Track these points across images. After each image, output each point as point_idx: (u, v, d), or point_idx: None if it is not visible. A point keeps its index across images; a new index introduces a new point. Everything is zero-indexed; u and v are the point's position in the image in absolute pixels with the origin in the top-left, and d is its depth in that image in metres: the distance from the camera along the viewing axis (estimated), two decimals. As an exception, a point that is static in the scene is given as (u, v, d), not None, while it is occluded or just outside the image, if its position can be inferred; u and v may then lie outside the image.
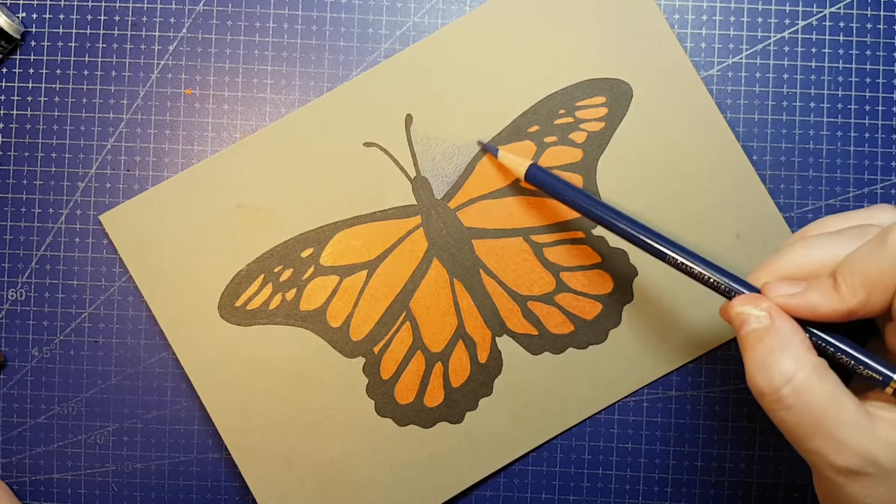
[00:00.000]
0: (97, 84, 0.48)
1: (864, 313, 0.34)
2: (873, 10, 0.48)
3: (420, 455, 0.48)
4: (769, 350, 0.34)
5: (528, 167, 0.45)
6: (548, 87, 0.48)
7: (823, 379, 0.33)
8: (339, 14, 0.48)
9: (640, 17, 0.48)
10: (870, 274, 0.33)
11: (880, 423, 0.33)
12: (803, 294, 0.35)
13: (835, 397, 0.32)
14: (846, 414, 0.32)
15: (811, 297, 0.35)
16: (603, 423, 0.49)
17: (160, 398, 0.49)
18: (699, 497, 0.49)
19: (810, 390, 0.32)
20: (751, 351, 0.34)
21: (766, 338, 0.34)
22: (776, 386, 0.33)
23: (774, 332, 0.34)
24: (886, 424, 0.33)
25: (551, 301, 0.48)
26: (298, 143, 0.47)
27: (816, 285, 0.35)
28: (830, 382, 0.33)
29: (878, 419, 0.33)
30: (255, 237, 0.47)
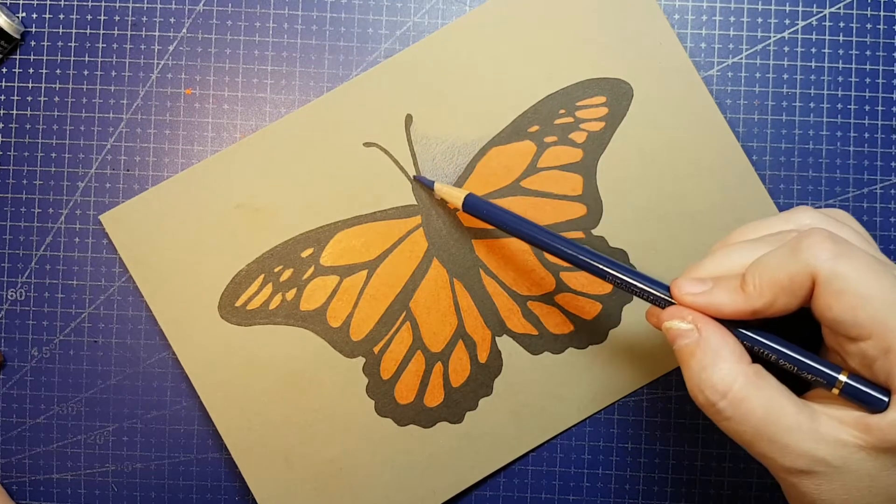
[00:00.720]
0: (97, 84, 0.48)
1: (770, 314, 0.34)
2: (873, 10, 0.48)
3: (420, 455, 0.48)
4: (701, 366, 0.34)
5: (465, 197, 0.44)
6: (548, 87, 0.48)
7: (759, 387, 0.33)
8: (339, 14, 0.48)
9: (640, 16, 0.48)
10: (779, 278, 0.34)
11: (824, 422, 0.33)
12: (709, 293, 0.35)
13: (773, 404, 0.33)
14: (786, 418, 0.33)
15: (716, 296, 0.35)
16: (603, 423, 0.49)
17: (160, 398, 0.49)
18: (699, 497, 0.49)
19: (746, 401, 0.33)
20: (685, 367, 0.35)
21: (696, 352, 0.35)
22: (712, 401, 0.33)
23: (704, 346, 0.34)
24: (830, 422, 0.33)
25: (551, 301, 0.48)
26: (298, 143, 0.47)
27: (723, 284, 0.35)
28: (767, 388, 0.33)
29: (822, 417, 0.33)
30: (256, 237, 0.47)
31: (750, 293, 0.34)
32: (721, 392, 0.33)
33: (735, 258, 0.36)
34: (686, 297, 0.36)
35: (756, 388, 0.33)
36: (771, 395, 0.33)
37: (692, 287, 0.36)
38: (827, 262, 0.32)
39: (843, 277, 0.32)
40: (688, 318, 0.36)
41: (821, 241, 0.33)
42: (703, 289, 0.35)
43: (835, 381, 0.33)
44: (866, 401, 0.33)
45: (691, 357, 0.35)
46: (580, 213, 0.48)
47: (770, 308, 0.34)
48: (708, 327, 0.35)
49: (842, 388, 0.33)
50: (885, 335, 0.32)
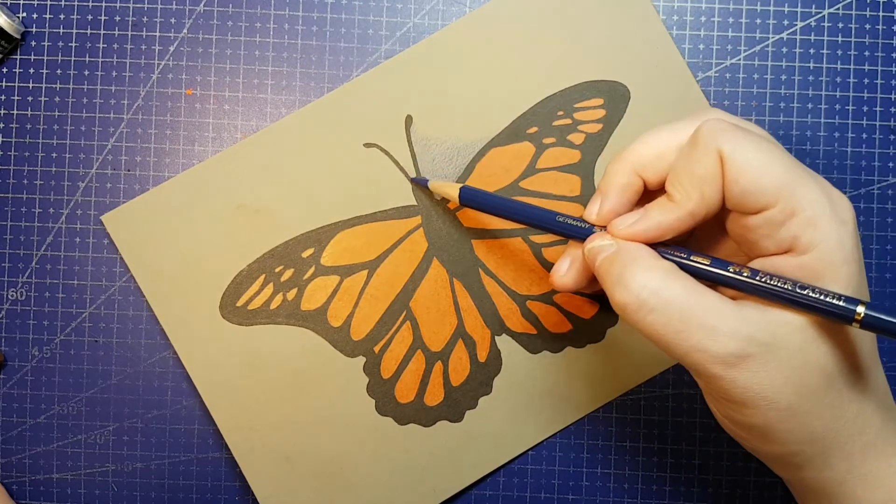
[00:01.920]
0: (97, 84, 0.48)
1: (705, 213, 0.35)
2: (872, 11, 0.48)
3: (420, 454, 0.48)
4: (621, 267, 0.34)
5: (460, 190, 0.44)
6: (546, 89, 0.48)
7: (677, 276, 0.34)
8: (340, 15, 0.48)
9: (637, 20, 0.48)
10: (696, 172, 0.34)
11: (747, 305, 0.33)
12: (644, 217, 0.36)
13: (694, 289, 0.33)
14: (709, 301, 0.33)
15: (652, 216, 0.36)
16: (602, 422, 0.49)
17: (160, 398, 0.49)
18: (698, 496, 0.49)
19: (668, 288, 0.33)
20: (606, 277, 0.35)
21: (616, 259, 0.35)
22: (635, 293, 0.33)
23: (623, 252, 0.35)
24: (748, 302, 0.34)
25: (550, 300, 0.49)
26: (299, 144, 0.47)
27: (652, 205, 0.36)
28: (684, 278, 0.34)
29: (743, 302, 0.34)
30: (256, 237, 0.47)
31: (680, 199, 0.35)
32: (642, 283, 0.33)
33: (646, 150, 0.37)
34: (624, 229, 0.36)
35: (676, 277, 0.34)
36: (692, 282, 0.34)
37: (627, 219, 0.36)
38: (728, 140, 0.34)
39: (743, 148, 0.34)
40: (607, 237, 0.37)
41: (718, 124, 0.34)
42: (637, 216, 0.36)
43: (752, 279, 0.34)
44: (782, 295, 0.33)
45: (612, 265, 0.35)
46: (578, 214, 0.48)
47: (703, 206, 0.35)
48: (626, 241, 0.36)
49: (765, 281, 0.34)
50: (789, 199, 0.33)
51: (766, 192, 0.33)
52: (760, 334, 0.32)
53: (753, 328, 0.32)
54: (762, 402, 0.33)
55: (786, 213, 0.33)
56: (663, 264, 0.34)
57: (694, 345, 0.33)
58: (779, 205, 0.33)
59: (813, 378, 0.33)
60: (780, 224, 0.33)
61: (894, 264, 0.48)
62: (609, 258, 0.35)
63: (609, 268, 0.35)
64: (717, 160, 0.34)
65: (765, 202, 0.33)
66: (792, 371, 0.33)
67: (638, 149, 0.37)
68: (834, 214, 0.33)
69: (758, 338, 0.32)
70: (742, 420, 0.34)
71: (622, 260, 0.35)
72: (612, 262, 0.35)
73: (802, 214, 0.33)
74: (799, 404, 0.33)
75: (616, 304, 0.34)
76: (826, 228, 0.33)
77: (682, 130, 0.36)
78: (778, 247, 0.34)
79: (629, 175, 0.37)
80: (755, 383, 0.33)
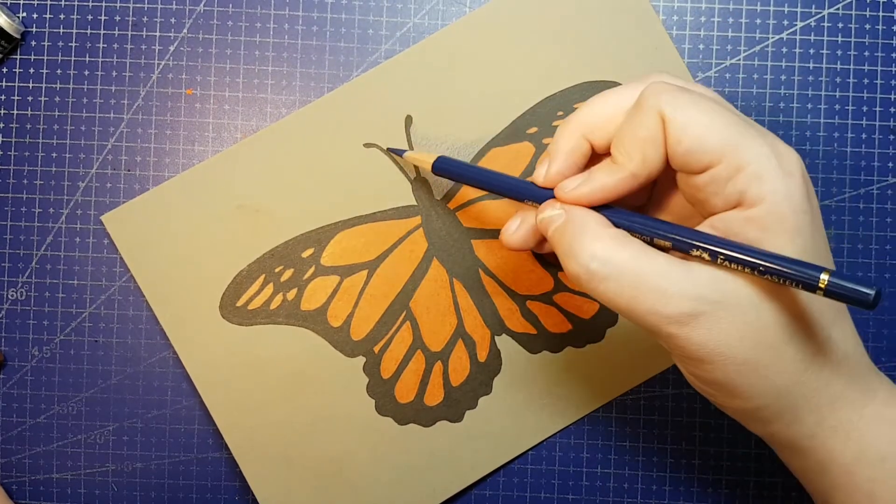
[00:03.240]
0: (97, 84, 0.48)
1: (647, 174, 0.35)
2: (872, 11, 0.48)
3: (420, 454, 0.48)
4: (571, 238, 0.35)
5: (435, 160, 0.44)
6: (546, 89, 0.48)
7: (625, 244, 0.34)
8: (340, 15, 0.48)
9: (636, 21, 0.48)
10: (638, 134, 0.35)
11: (694, 265, 0.33)
12: (588, 179, 0.36)
13: (642, 255, 0.33)
14: (657, 265, 0.33)
15: (596, 178, 0.36)
16: (601, 422, 0.49)
17: (160, 398, 0.49)
18: (698, 496, 0.49)
19: (615, 256, 0.33)
20: (559, 248, 0.35)
21: (566, 229, 0.35)
22: (584, 264, 0.34)
23: (571, 221, 0.35)
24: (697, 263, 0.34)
25: (549, 300, 0.49)
26: (299, 144, 0.47)
27: (597, 168, 0.36)
28: (633, 244, 0.34)
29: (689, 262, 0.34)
30: (256, 237, 0.47)
31: (622, 161, 0.35)
32: (590, 253, 0.34)
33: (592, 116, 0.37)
34: (570, 193, 0.36)
35: (623, 245, 0.34)
36: (640, 248, 0.34)
37: (571, 182, 0.37)
38: (668, 101, 0.34)
39: (684, 108, 0.34)
40: (557, 206, 0.37)
41: (659, 86, 0.35)
42: (581, 179, 0.36)
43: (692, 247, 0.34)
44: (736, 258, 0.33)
45: (562, 236, 0.35)
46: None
47: (644, 168, 0.35)
48: (574, 207, 0.36)
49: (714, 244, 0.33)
50: (733, 155, 0.33)
51: (709, 150, 0.33)
52: (710, 293, 0.33)
53: (703, 288, 0.33)
54: (719, 358, 0.33)
55: (731, 170, 0.33)
56: (611, 232, 0.35)
57: (647, 309, 0.33)
58: (723, 162, 0.33)
59: (769, 332, 0.33)
60: (727, 180, 0.33)
61: (894, 264, 0.48)
62: (559, 228, 0.36)
63: (560, 238, 0.35)
64: (659, 122, 0.34)
65: (709, 160, 0.33)
66: (746, 326, 0.33)
67: (585, 112, 0.37)
68: (780, 167, 0.33)
69: (708, 296, 0.33)
70: (705, 376, 0.35)
71: (571, 230, 0.35)
72: (563, 232, 0.35)
73: (748, 169, 0.33)
74: (757, 358, 0.33)
75: (569, 275, 0.35)
76: (772, 181, 0.33)
77: (629, 94, 0.36)
78: (726, 203, 0.34)
79: (577, 138, 0.37)
80: (709, 340, 0.33)
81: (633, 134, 0.35)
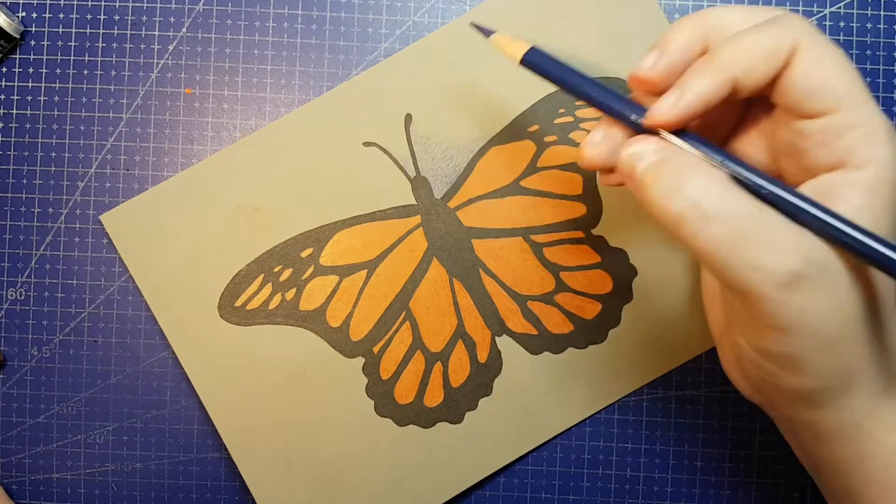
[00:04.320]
0: (97, 84, 0.48)
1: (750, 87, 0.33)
2: (873, 10, 0.48)
3: (420, 455, 0.48)
4: (675, 173, 0.32)
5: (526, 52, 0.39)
6: (548, 87, 0.48)
7: (738, 187, 0.32)
8: (339, 13, 0.48)
9: (639, 16, 0.48)
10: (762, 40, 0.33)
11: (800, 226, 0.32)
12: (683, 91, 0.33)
13: (755, 203, 0.32)
14: (770, 215, 0.32)
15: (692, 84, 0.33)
16: (603, 423, 0.49)
17: (160, 398, 0.49)
18: (699, 497, 0.49)
19: (731, 199, 0.31)
20: (652, 185, 0.32)
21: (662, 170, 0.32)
22: (695, 201, 0.31)
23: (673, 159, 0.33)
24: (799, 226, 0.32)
25: (551, 301, 0.48)
26: (298, 143, 0.47)
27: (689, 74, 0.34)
28: (743, 191, 0.32)
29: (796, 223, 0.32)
30: (255, 237, 0.47)
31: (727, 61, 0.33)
32: (704, 189, 0.31)
33: None
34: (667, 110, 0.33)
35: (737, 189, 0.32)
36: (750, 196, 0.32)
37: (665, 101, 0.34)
38: (810, 34, 0.33)
39: (824, 46, 0.33)
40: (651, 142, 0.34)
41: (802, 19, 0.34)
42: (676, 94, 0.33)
43: None
44: None
45: (663, 170, 0.32)
46: (580, 213, 0.48)
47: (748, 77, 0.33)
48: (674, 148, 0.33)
49: None
50: (852, 108, 0.32)
51: (835, 94, 0.32)
52: (817, 256, 0.31)
53: (810, 248, 0.31)
54: (808, 329, 0.32)
55: (846, 124, 0.32)
56: (722, 173, 0.32)
57: (751, 262, 0.31)
58: (842, 112, 0.32)
59: (855, 307, 0.32)
60: (838, 134, 0.32)
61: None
62: (658, 163, 0.33)
63: (660, 174, 0.32)
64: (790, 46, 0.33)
65: (830, 105, 0.32)
66: (838, 297, 0.32)
67: (712, 12, 0.35)
68: (893, 138, 0.33)
69: (814, 259, 0.31)
70: (780, 350, 0.33)
71: (676, 165, 0.32)
72: (664, 167, 0.33)
73: (861, 129, 0.32)
74: (839, 334, 0.32)
75: (670, 216, 0.32)
76: (885, 146, 0.32)
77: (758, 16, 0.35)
78: (830, 157, 0.33)
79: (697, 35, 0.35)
80: (807, 308, 0.31)
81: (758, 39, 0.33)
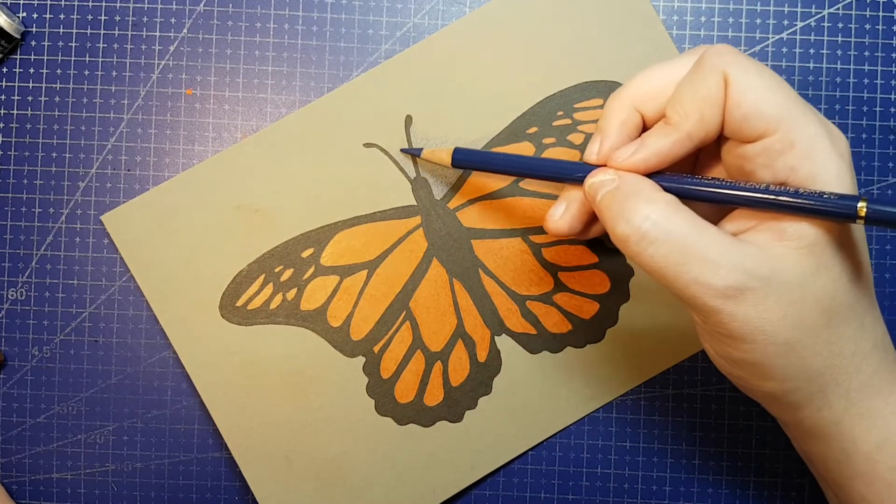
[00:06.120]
0: (97, 84, 0.48)
1: (703, 135, 0.35)
2: (872, 11, 0.48)
3: (420, 454, 0.48)
4: (623, 199, 0.35)
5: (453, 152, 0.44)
6: (546, 89, 0.48)
7: (679, 210, 0.34)
8: (340, 15, 0.48)
9: (636, 20, 0.48)
10: (697, 93, 0.35)
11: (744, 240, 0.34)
12: (642, 145, 0.36)
13: (696, 222, 0.33)
14: (711, 235, 0.33)
15: (650, 143, 0.36)
16: (601, 422, 0.49)
17: (160, 398, 0.49)
18: (698, 496, 0.49)
19: (669, 219, 0.33)
20: (607, 211, 0.35)
21: (617, 193, 0.35)
22: (636, 225, 0.33)
23: (624, 185, 0.35)
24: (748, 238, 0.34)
25: (550, 301, 0.48)
26: (299, 144, 0.47)
27: (649, 133, 0.36)
28: (686, 212, 0.34)
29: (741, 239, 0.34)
30: (256, 237, 0.47)
31: (678, 121, 0.35)
32: (644, 214, 0.33)
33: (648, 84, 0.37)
34: (624, 161, 0.36)
35: (677, 211, 0.34)
36: (691, 216, 0.34)
37: (625, 151, 0.36)
38: (734, 63, 0.34)
39: (748, 72, 0.34)
40: (609, 172, 0.37)
41: (723, 48, 0.35)
42: (635, 146, 0.36)
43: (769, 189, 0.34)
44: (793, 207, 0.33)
45: (612, 200, 0.35)
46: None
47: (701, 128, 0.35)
48: (627, 174, 0.36)
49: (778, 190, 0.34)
50: (788, 129, 0.33)
51: (766, 118, 0.33)
52: (760, 268, 0.32)
53: (753, 262, 0.33)
54: (760, 337, 0.33)
55: (784, 143, 0.33)
56: (665, 196, 0.34)
57: (694, 277, 0.33)
58: (778, 133, 0.33)
59: (811, 313, 0.33)
60: (779, 154, 0.33)
61: (894, 264, 0.48)
62: (611, 192, 0.35)
63: (610, 202, 0.35)
64: (721, 82, 0.34)
65: (764, 129, 0.33)
66: (790, 305, 0.33)
67: (637, 83, 0.37)
68: (833, 148, 0.33)
69: (757, 272, 0.32)
70: (740, 357, 0.34)
71: (623, 193, 0.35)
72: (614, 196, 0.35)
73: (801, 146, 0.33)
74: (797, 339, 0.33)
75: (617, 238, 0.34)
76: (824, 162, 0.33)
77: (681, 64, 0.37)
78: (774, 177, 0.34)
79: (628, 111, 0.37)
80: (754, 317, 0.33)
81: (693, 92, 0.35)
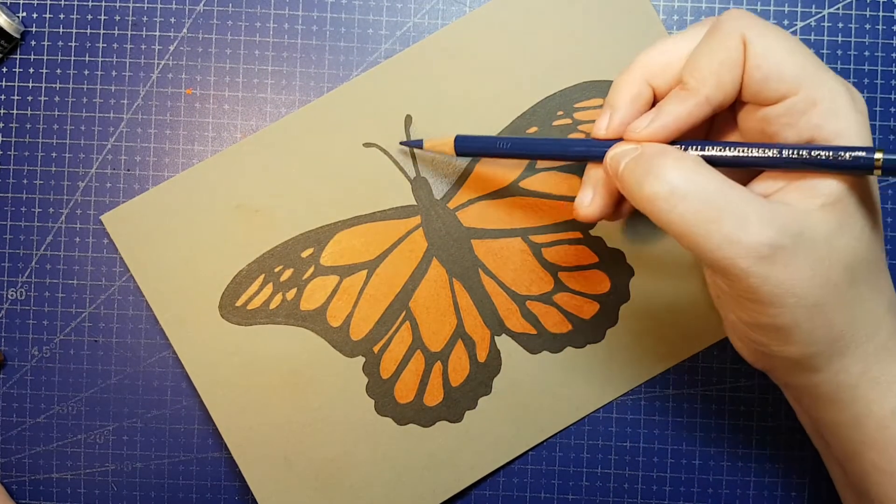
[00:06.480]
0: (97, 84, 0.48)
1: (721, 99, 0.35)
2: (872, 11, 0.48)
3: (420, 454, 0.48)
4: (649, 160, 0.34)
5: (454, 140, 0.44)
6: (546, 89, 0.48)
7: (709, 167, 0.33)
8: (340, 14, 0.48)
9: (636, 20, 0.48)
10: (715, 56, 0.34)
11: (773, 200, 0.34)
12: (659, 113, 0.35)
13: (725, 181, 0.33)
14: (741, 192, 0.33)
15: (667, 110, 0.35)
16: (601, 422, 0.49)
17: (160, 398, 0.49)
18: (698, 496, 0.49)
19: (700, 176, 0.33)
20: (632, 175, 0.34)
21: (640, 160, 0.34)
22: (668, 181, 0.33)
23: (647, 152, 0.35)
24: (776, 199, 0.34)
25: (550, 301, 0.48)
26: (299, 144, 0.47)
27: (666, 100, 0.36)
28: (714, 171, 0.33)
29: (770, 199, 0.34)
30: (256, 237, 0.47)
31: (695, 86, 0.35)
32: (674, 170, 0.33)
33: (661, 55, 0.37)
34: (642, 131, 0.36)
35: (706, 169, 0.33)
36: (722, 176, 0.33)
37: (641, 121, 0.36)
38: (752, 26, 0.34)
39: (766, 35, 0.34)
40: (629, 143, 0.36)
41: (740, 12, 0.35)
42: (651, 115, 0.36)
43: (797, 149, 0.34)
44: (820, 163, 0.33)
45: (637, 164, 0.34)
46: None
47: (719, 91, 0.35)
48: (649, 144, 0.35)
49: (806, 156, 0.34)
50: (811, 87, 0.33)
51: (788, 79, 0.33)
52: (791, 225, 0.32)
53: (784, 219, 0.32)
54: (791, 300, 0.33)
55: (807, 102, 0.33)
56: (691, 156, 0.34)
57: (726, 235, 0.32)
58: (801, 93, 0.33)
59: (836, 271, 0.33)
60: (802, 113, 0.33)
61: (894, 264, 0.48)
62: (634, 159, 0.35)
63: (635, 167, 0.34)
64: (740, 45, 0.34)
65: (786, 89, 0.33)
66: (818, 263, 0.32)
67: (648, 56, 0.37)
68: (854, 105, 0.33)
69: (789, 228, 0.32)
70: (767, 322, 0.34)
71: (649, 155, 0.34)
72: (638, 161, 0.34)
73: (823, 104, 0.33)
74: (824, 300, 0.33)
75: (644, 199, 0.33)
76: (848, 118, 0.33)
77: (691, 37, 0.36)
78: (798, 137, 0.34)
79: (639, 84, 0.37)
80: (786, 279, 0.32)
81: (711, 56, 0.34)
